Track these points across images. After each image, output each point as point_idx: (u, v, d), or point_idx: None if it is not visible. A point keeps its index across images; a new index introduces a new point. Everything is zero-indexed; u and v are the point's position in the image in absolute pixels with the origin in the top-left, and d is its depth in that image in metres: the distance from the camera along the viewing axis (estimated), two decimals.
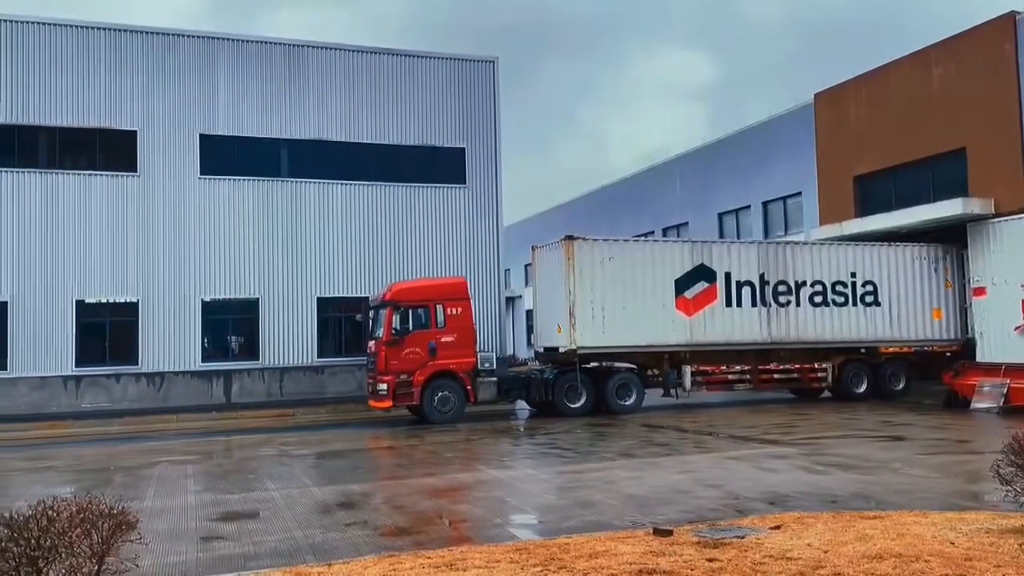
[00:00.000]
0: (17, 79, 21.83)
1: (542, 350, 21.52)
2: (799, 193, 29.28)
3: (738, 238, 29.74)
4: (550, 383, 19.90)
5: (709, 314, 20.51)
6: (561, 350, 19.92)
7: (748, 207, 31.92)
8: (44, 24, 22.33)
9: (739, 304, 20.78)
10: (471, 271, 24.80)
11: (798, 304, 21.24)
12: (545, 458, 13.62)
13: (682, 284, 20.33)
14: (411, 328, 19.12)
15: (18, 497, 10.24)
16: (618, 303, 19.72)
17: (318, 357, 23.90)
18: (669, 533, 7.29)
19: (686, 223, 35.24)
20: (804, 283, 21.36)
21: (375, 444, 16.70)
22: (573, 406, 19.77)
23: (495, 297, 25.63)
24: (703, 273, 20.53)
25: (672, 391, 20.67)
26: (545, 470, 12.20)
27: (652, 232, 36.34)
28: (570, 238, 19.78)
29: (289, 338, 23.70)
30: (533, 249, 21.77)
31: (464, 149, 25.80)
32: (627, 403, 20.01)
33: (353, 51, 25.16)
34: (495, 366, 20.01)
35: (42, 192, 21.87)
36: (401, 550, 7.23)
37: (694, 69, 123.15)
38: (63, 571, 4.60)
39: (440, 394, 19.08)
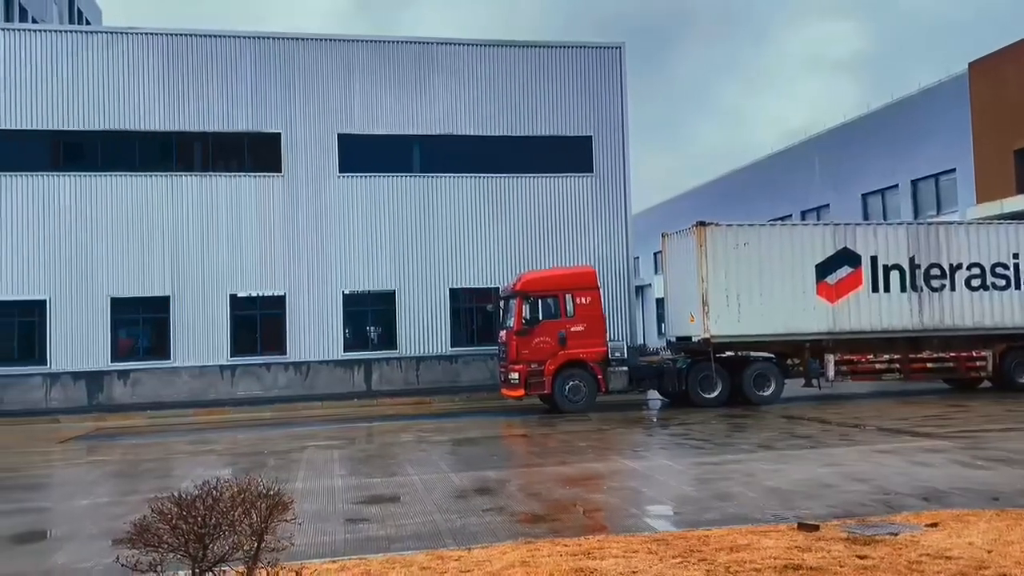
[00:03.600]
0: (174, 89, 23.49)
1: (674, 339, 21.13)
2: (952, 170, 27.38)
3: (884, 220, 28.10)
4: (683, 373, 19.52)
5: (853, 300, 19.50)
6: (694, 339, 19.49)
7: (895, 186, 30.14)
8: (195, 36, 23.90)
9: (887, 289, 19.65)
10: (600, 260, 24.68)
11: (953, 288, 19.86)
12: (680, 449, 13.39)
13: (823, 269, 19.42)
14: (541, 318, 19.22)
15: (184, 478, 11.07)
16: (754, 290, 19.08)
17: (451, 347, 24.48)
18: (815, 528, 7.00)
19: (826, 205, 33.70)
20: (959, 266, 19.94)
21: (508, 432, 16.92)
22: (708, 396, 19.32)
23: (624, 286, 25.40)
24: (846, 257, 19.53)
25: (814, 381, 19.83)
26: (680, 461, 11.99)
27: (790, 215, 34.98)
28: (702, 224, 19.29)
29: (424, 328, 24.40)
30: (663, 236, 21.39)
31: (591, 137, 25.66)
32: (765, 394, 19.35)
33: (480, 45, 25.50)
34: (626, 355, 19.82)
35: (198, 193, 23.47)
36: (538, 537, 7.30)
37: (845, 39, 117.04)
38: (226, 547, 4.91)
39: (571, 383, 19.09)
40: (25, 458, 15.05)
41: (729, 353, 19.76)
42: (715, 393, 19.34)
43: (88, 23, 46.90)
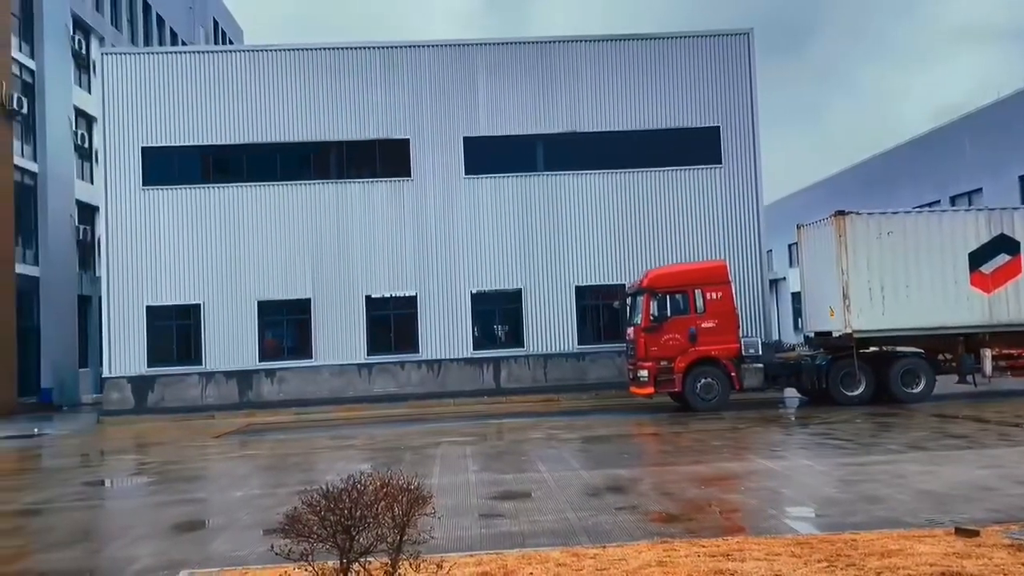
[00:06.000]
0: (310, 101, 24.63)
1: (812, 335, 20.29)
2: None
3: None
4: (823, 370, 18.71)
5: (1012, 290, 18.09)
6: (834, 334, 18.64)
7: None
8: (327, 49, 24.97)
9: None
10: (730, 253, 23.98)
11: None
12: (821, 448, 12.84)
13: (978, 258, 18.12)
14: (669, 314, 18.89)
15: (327, 472, 11.59)
16: (900, 282, 18.05)
17: (578, 344, 24.44)
18: (975, 533, 6.55)
19: (978, 189, 31.37)
20: None
21: (639, 430, 16.75)
22: (850, 394, 18.44)
23: (757, 280, 24.59)
24: (1004, 244, 18.13)
25: (969, 378, 18.54)
26: (822, 461, 11.50)
27: (937, 201, 32.81)
28: (841, 213, 18.41)
29: (550, 326, 24.48)
30: (798, 228, 20.56)
31: (719, 128, 24.98)
32: (914, 391, 18.27)
33: (602, 41, 25.33)
34: (760, 352, 19.17)
35: (334, 200, 24.51)
36: (673, 537, 7.18)
37: (1005, 7, 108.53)
38: (371, 539, 5.10)
39: (703, 381, 18.67)
40: (185, 452, 16.20)
41: (873, 348, 18.81)
42: (858, 391, 18.46)
43: (231, 42, 49.90)
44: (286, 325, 24.67)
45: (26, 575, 7.84)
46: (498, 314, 24.93)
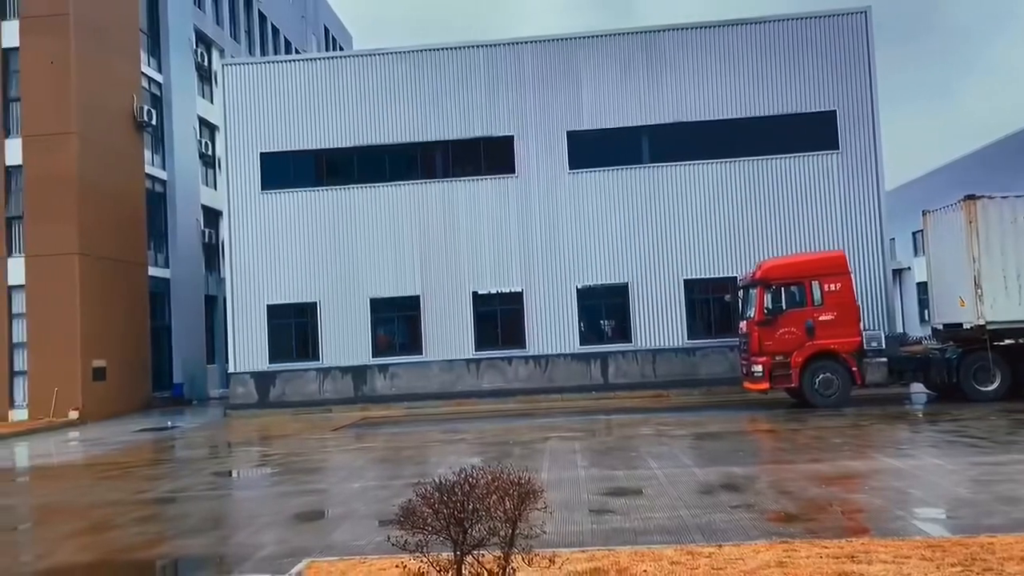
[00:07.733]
0: (416, 102, 25.12)
1: (941, 327, 19.16)
2: None
3: None
4: (953, 364, 17.65)
5: None
6: (965, 326, 17.54)
7: None
8: (432, 50, 25.40)
9: None
10: (849, 243, 22.97)
11: None
12: (952, 447, 12.11)
13: None
14: (784, 307, 18.25)
15: (439, 465, 11.81)
16: None
17: (688, 339, 23.97)
18: None
19: None
20: None
21: (753, 427, 16.27)
22: (983, 390, 17.32)
23: (879, 270, 23.44)
24: None
25: None
26: (953, 460, 10.84)
27: None
28: (971, 197, 17.30)
29: (659, 321, 24.11)
30: (924, 214, 19.45)
31: (835, 112, 23.93)
32: None
33: (709, 27, 24.72)
34: (884, 345, 18.26)
35: (441, 198, 24.93)
36: (793, 537, 6.93)
37: None
38: (483, 532, 5.15)
39: (822, 376, 17.95)
40: (306, 444, 16.86)
41: (1008, 341, 17.58)
42: (993, 386, 17.33)
43: (341, 48, 51.55)
44: (397, 322, 25.28)
45: (164, 559, 8.34)
46: (604, 309, 24.75)
